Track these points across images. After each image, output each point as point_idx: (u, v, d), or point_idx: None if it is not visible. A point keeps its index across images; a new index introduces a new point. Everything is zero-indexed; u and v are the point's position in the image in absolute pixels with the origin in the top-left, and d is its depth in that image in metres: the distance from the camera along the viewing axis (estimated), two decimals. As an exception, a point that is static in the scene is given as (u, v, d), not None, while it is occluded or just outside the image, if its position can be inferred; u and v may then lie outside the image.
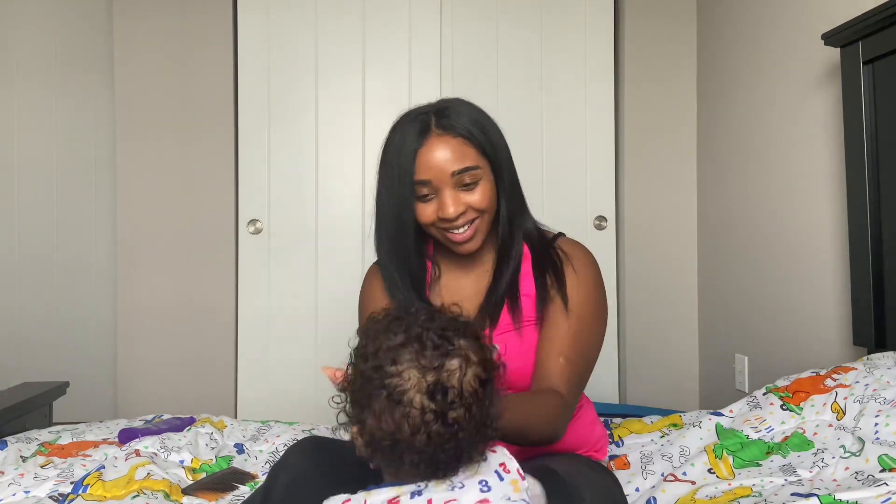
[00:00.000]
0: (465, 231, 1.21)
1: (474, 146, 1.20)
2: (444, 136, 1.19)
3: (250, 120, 2.90)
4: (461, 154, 1.18)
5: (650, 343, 2.98)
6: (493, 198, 1.22)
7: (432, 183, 1.19)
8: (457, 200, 1.19)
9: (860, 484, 1.13)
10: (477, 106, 1.28)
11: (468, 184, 1.19)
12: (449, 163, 1.18)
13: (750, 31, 2.56)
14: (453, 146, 1.18)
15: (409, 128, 1.22)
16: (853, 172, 1.88)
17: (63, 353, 3.24)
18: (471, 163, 1.19)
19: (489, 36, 2.96)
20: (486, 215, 1.22)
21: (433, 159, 1.18)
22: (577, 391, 1.19)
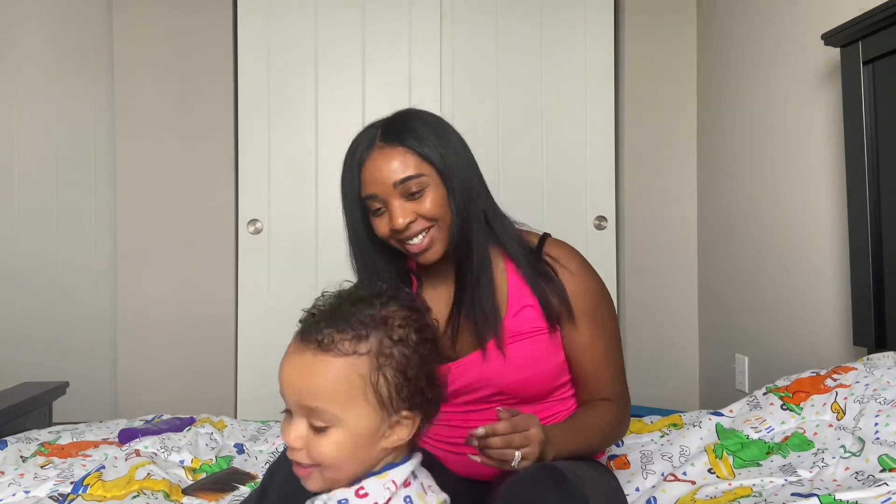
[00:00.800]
0: (421, 240, 1.18)
1: (417, 154, 1.17)
2: (385, 149, 1.18)
3: (250, 120, 2.90)
4: (403, 163, 1.17)
5: (650, 343, 2.98)
6: (444, 204, 1.18)
7: (379, 196, 1.18)
8: (404, 211, 1.17)
9: (860, 484, 1.13)
10: (430, 114, 1.26)
11: (414, 192, 1.16)
12: (391, 173, 1.16)
13: (750, 30, 2.56)
14: (394, 156, 1.17)
15: (358, 144, 1.22)
16: (853, 172, 1.88)
17: (63, 353, 3.24)
18: (413, 171, 1.16)
19: (489, 36, 2.96)
20: (440, 223, 1.18)
21: (377, 172, 1.17)
22: (622, 387, 1.27)
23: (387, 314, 0.88)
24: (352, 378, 0.84)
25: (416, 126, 1.21)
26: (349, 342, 0.85)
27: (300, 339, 0.89)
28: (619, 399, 1.26)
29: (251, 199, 2.90)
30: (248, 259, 2.89)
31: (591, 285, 1.26)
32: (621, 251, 2.99)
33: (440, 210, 1.18)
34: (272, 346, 2.88)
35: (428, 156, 1.17)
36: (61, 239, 3.28)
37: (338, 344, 0.85)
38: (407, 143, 1.18)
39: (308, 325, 0.88)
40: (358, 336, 0.85)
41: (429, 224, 1.18)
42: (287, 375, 0.90)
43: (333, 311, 0.88)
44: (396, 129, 1.20)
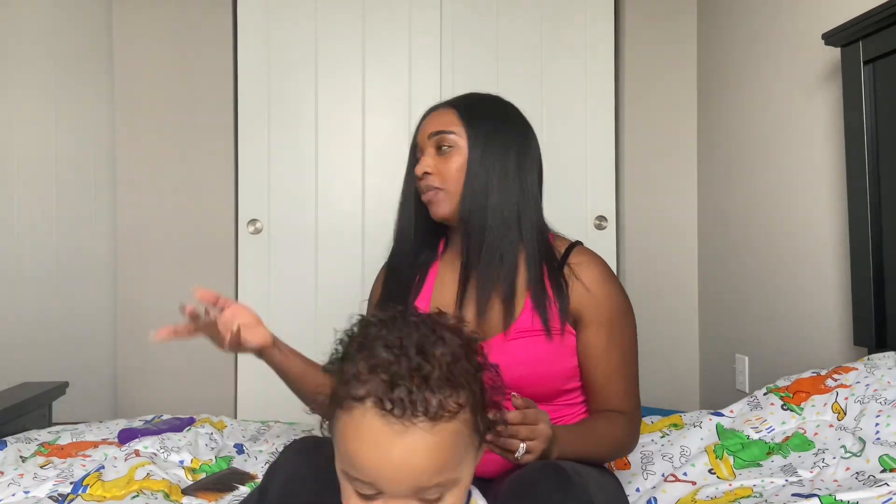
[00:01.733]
0: (430, 194, 1.27)
1: (459, 118, 1.26)
2: (442, 108, 1.30)
3: (250, 120, 2.90)
4: (445, 120, 1.27)
5: (650, 343, 2.97)
6: (458, 177, 1.24)
7: (419, 144, 1.30)
8: (427, 161, 1.27)
9: (861, 484, 1.13)
10: (502, 101, 1.33)
11: (443, 147, 1.26)
12: (432, 125, 1.29)
13: (750, 30, 2.56)
14: (443, 114, 1.29)
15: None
16: (853, 172, 1.88)
17: (63, 353, 3.24)
18: (448, 128, 1.26)
19: (489, 36, 2.95)
20: (449, 188, 1.25)
21: (425, 124, 1.31)
22: (634, 402, 1.27)
23: (454, 344, 0.78)
24: (464, 433, 0.76)
25: (478, 103, 1.31)
26: (452, 398, 0.74)
27: (399, 418, 0.72)
28: (631, 413, 1.25)
29: (251, 199, 2.90)
30: (248, 259, 2.89)
31: (611, 295, 1.25)
32: (621, 251, 2.99)
33: (451, 177, 1.24)
34: (272, 346, 2.88)
35: (468, 124, 1.25)
36: (61, 239, 3.27)
37: (447, 406, 0.73)
38: (457, 107, 1.28)
39: (397, 397, 0.72)
40: (454, 385, 0.75)
41: (437, 186, 1.25)
42: (397, 462, 0.72)
43: (418, 370, 0.74)
44: (464, 98, 1.32)
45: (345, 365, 0.78)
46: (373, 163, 2.93)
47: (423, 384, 0.73)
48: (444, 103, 1.32)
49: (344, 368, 0.77)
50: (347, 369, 0.76)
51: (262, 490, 1.09)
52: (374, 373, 0.74)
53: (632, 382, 1.27)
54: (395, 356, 0.74)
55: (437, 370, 0.74)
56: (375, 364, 0.74)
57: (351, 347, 0.79)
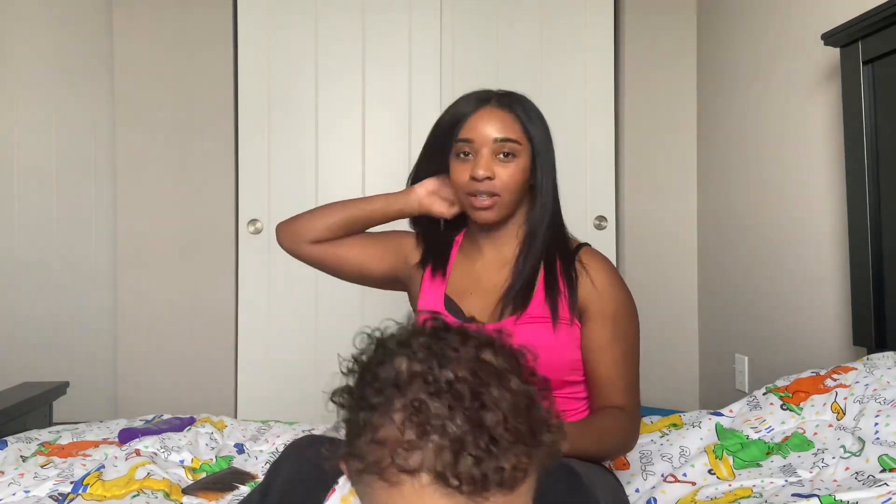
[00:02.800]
0: (485, 199, 1.27)
1: (522, 126, 1.28)
2: (500, 110, 1.28)
3: (250, 120, 2.90)
4: (510, 126, 1.27)
5: (650, 343, 2.96)
6: (518, 184, 1.28)
7: (474, 143, 1.27)
8: (489, 165, 1.26)
9: (860, 484, 1.13)
10: (536, 107, 1.36)
11: (506, 155, 1.26)
12: (495, 129, 1.27)
13: (750, 30, 2.56)
14: (504, 118, 1.28)
15: (470, 98, 1.32)
16: (853, 172, 1.88)
17: (63, 353, 3.24)
18: (514, 135, 1.27)
19: (489, 36, 2.96)
20: (504, 198, 1.27)
21: (482, 123, 1.27)
22: (635, 399, 1.27)
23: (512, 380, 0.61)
24: (532, 486, 0.62)
25: (533, 109, 1.32)
26: (525, 452, 0.59)
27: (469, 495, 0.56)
28: (632, 410, 1.26)
29: (251, 199, 2.90)
30: (248, 259, 2.89)
31: (617, 293, 1.29)
32: (621, 251, 2.99)
33: (514, 184, 1.27)
34: (272, 345, 2.89)
35: (531, 135, 1.29)
36: (61, 239, 3.28)
37: (521, 466, 0.59)
38: (518, 113, 1.29)
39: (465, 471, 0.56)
40: (524, 437, 0.59)
41: (497, 193, 1.26)
42: None
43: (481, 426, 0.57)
44: (513, 99, 1.31)
45: (374, 416, 0.59)
46: (373, 163, 2.93)
47: (491, 445, 0.56)
48: (498, 102, 1.30)
49: (374, 421, 0.59)
50: (379, 423, 0.59)
51: (263, 489, 1.09)
52: (425, 435, 0.56)
53: (633, 380, 1.28)
54: (449, 409, 0.57)
55: (501, 423, 0.58)
56: (425, 422, 0.57)
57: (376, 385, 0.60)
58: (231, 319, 2.89)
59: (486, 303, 1.31)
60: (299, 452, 1.08)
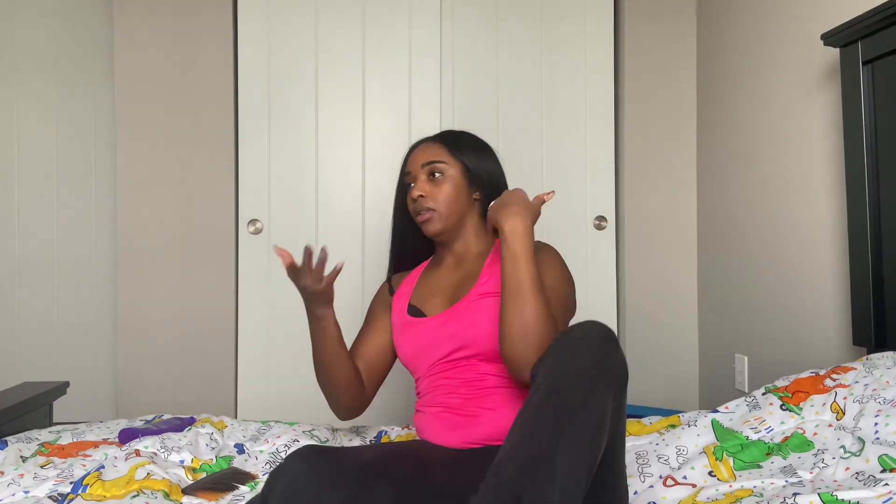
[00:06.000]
0: (425, 215, 1.46)
1: (449, 151, 1.49)
2: (428, 142, 1.53)
3: (250, 120, 2.90)
4: (435, 152, 1.49)
5: (650, 343, 2.98)
6: (451, 197, 1.46)
7: (410, 173, 1.50)
8: (422, 186, 1.47)
9: (861, 484, 1.13)
10: (478, 139, 1.56)
11: (435, 175, 1.47)
12: (423, 156, 1.50)
13: (750, 30, 2.56)
14: (430, 147, 1.51)
15: (416, 142, 1.56)
16: (853, 172, 1.88)
17: (63, 353, 3.24)
18: (439, 158, 1.48)
19: (489, 36, 2.96)
20: (441, 210, 1.45)
21: (414, 155, 1.51)
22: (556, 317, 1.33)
23: None
24: None
25: (459, 136, 1.54)
26: None
27: None
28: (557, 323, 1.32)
29: (251, 199, 2.90)
30: (248, 259, 2.89)
31: (546, 254, 1.42)
32: (621, 251, 2.99)
33: (444, 200, 1.46)
34: (272, 346, 2.89)
35: (457, 154, 1.49)
36: (61, 239, 3.28)
37: None
38: (444, 142, 1.51)
39: None
40: None
41: (432, 208, 1.45)
42: None
43: None
44: (445, 134, 1.54)
45: None
46: (373, 163, 2.93)
47: None
48: (430, 139, 1.53)
49: None
50: None
51: (263, 497, 1.09)
52: None
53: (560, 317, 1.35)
54: None
55: None
56: None
57: None
58: (231, 319, 2.89)
59: (445, 298, 1.47)
60: (301, 460, 1.09)
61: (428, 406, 1.42)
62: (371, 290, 2.91)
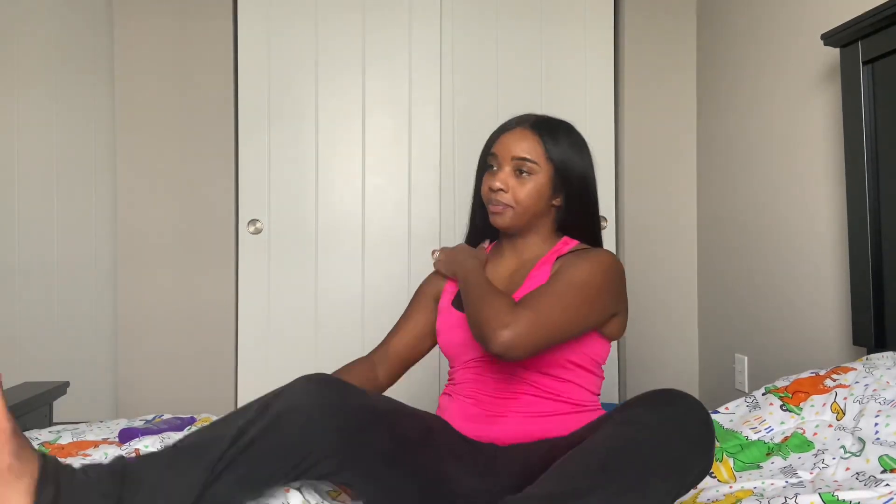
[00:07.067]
0: (497, 207, 1.40)
1: (545, 151, 1.39)
2: (527, 131, 1.41)
3: (250, 120, 2.90)
4: (530, 147, 1.39)
5: (650, 343, 2.98)
6: (531, 199, 1.39)
7: (498, 157, 1.41)
8: (505, 179, 1.39)
9: (861, 484, 1.13)
10: (576, 132, 1.46)
11: (523, 173, 1.38)
12: (516, 147, 1.39)
13: (750, 31, 2.56)
14: (528, 139, 1.40)
15: (511, 120, 1.46)
16: (853, 172, 1.88)
17: (63, 353, 3.24)
18: (532, 157, 1.38)
19: (489, 36, 2.96)
20: (517, 209, 1.39)
21: (507, 141, 1.41)
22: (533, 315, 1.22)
23: None
24: None
25: (558, 131, 1.42)
26: None
27: None
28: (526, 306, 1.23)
29: (251, 199, 2.90)
30: (248, 259, 2.89)
31: (580, 258, 1.35)
32: (621, 251, 2.99)
33: (526, 200, 1.39)
34: (272, 346, 2.89)
35: (552, 156, 1.39)
36: (61, 239, 3.28)
37: None
38: (543, 137, 1.40)
39: None
40: None
41: (510, 204, 1.39)
42: None
43: None
44: (544, 125, 1.42)
45: None
46: (373, 163, 2.93)
47: None
48: (528, 124, 1.42)
49: None
50: None
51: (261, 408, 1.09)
52: None
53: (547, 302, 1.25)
54: None
55: None
56: None
57: None
58: (231, 319, 2.89)
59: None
60: (308, 380, 1.11)
61: (456, 394, 1.41)
62: (371, 290, 2.92)
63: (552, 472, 1.03)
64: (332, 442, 1.07)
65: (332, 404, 1.09)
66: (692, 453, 1.04)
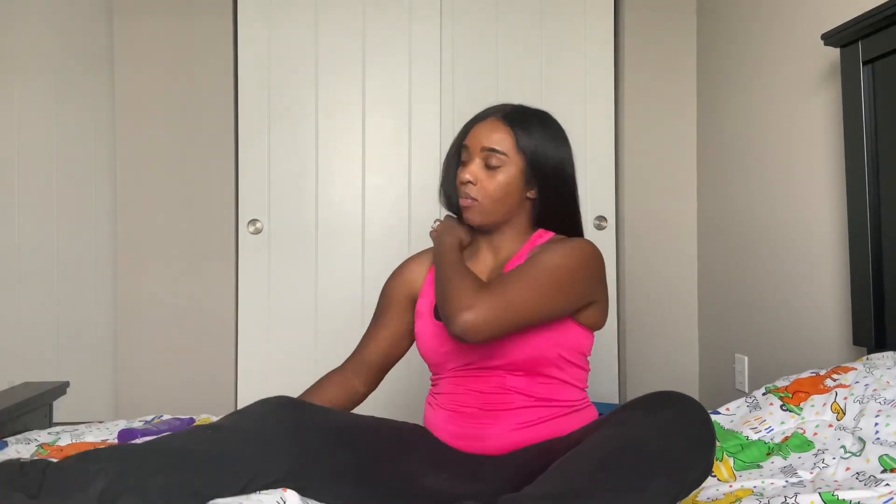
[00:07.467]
0: (466, 200, 1.35)
1: (516, 142, 1.33)
2: (497, 122, 1.35)
3: (250, 120, 2.90)
4: (500, 138, 1.34)
5: (650, 343, 2.98)
6: (499, 193, 1.33)
7: (469, 149, 1.36)
8: (475, 171, 1.34)
9: (862, 484, 1.13)
10: (551, 121, 1.42)
11: (492, 166, 1.33)
12: (486, 138, 1.34)
13: (750, 31, 2.56)
14: (498, 129, 1.34)
15: (488, 108, 1.42)
16: (853, 172, 1.88)
17: (63, 353, 3.24)
18: (501, 148, 1.33)
19: (489, 37, 2.95)
20: (484, 204, 1.33)
21: (478, 132, 1.36)
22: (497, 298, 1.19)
23: None
24: None
25: (531, 120, 1.37)
26: None
27: None
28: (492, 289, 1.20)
29: (251, 199, 2.90)
30: (248, 259, 2.89)
31: (555, 245, 1.31)
32: (621, 251, 2.99)
33: (494, 193, 1.33)
34: (272, 346, 2.89)
35: (524, 148, 1.34)
36: (61, 239, 3.28)
37: None
38: (514, 128, 1.34)
39: None
40: None
41: (476, 197, 1.33)
42: None
43: None
44: (516, 115, 1.37)
45: None
46: (373, 163, 2.93)
47: None
48: (500, 115, 1.37)
49: None
50: None
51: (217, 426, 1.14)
52: None
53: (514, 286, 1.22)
54: None
55: None
56: None
57: None
58: (231, 319, 2.89)
59: None
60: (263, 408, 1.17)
61: (440, 406, 1.35)
62: (371, 290, 2.91)
63: (551, 473, 1.03)
64: (288, 464, 1.09)
65: (287, 427, 1.12)
66: (692, 454, 1.04)
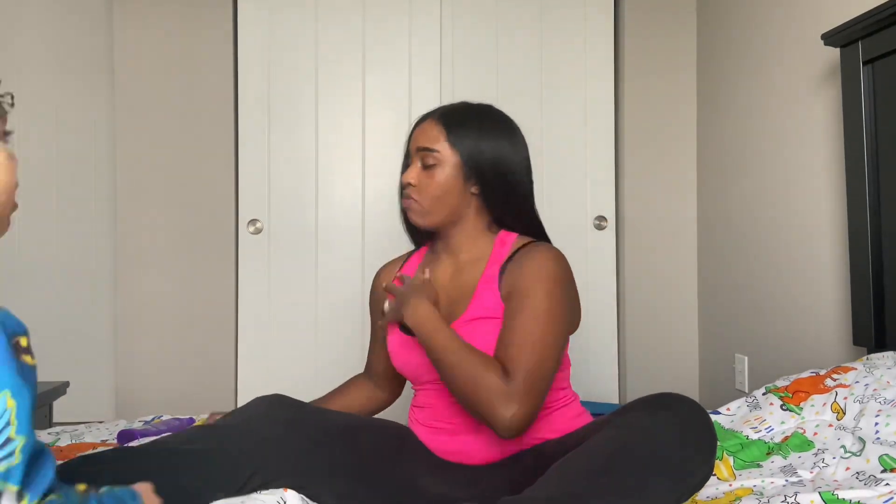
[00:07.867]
0: (408, 202, 1.34)
1: (448, 138, 1.31)
2: (432, 122, 1.34)
3: (250, 120, 2.90)
4: (433, 138, 1.32)
5: (650, 343, 2.97)
6: (442, 193, 1.30)
7: (410, 152, 1.37)
8: (413, 173, 1.33)
9: (862, 484, 1.13)
10: (493, 116, 1.38)
11: (428, 165, 1.31)
12: (420, 139, 1.34)
13: (750, 30, 2.56)
14: (432, 129, 1.33)
15: (430, 110, 1.40)
16: (853, 172, 1.88)
17: (63, 353, 3.24)
18: (434, 147, 1.31)
19: (489, 36, 2.95)
20: (423, 204, 1.31)
21: (416, 134, 1.36)
22: (527, 370, 1.14)
23: None
24: None
25: (465, 116, 1.34)
26: None
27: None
28: (518, 380, 1.13)
29: (251, 199, 2.90)
30: (248, 259, 2.89)
31: (539, 269, 1.24)
32: (621, 251, 2.99)
33: (431, 191, 1.30)
34: (272, 346, 2.89)
35: (457, 145, 1.30)
36: (61, 239, 3.28)
37: None
38: (448, 127, 1.32)
39: None
40: None
41: (415, 196, 1.31)
42: None
43: None
44: (452, 113, 1.35)
45: None
46: (373, 163, 2.93)
47: None
48: (435, 115, 1.35)
49: None
50: None
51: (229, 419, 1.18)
52: None
53: (531, 355, 1.15)
54: None
55: None
56: None
57: None
58: (231, 319, 2.89)
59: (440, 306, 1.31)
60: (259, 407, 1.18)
61: (419, 423, 1.33)
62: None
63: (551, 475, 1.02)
64: (286, 462, 1.09)
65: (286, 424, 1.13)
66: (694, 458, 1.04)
